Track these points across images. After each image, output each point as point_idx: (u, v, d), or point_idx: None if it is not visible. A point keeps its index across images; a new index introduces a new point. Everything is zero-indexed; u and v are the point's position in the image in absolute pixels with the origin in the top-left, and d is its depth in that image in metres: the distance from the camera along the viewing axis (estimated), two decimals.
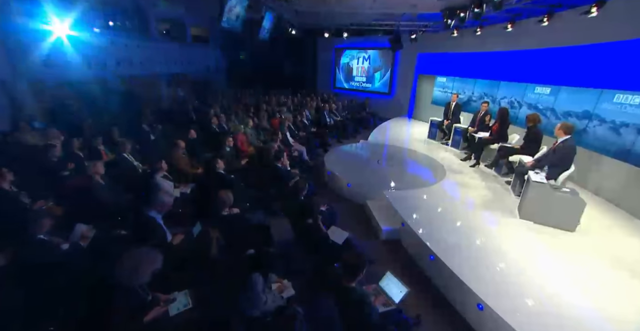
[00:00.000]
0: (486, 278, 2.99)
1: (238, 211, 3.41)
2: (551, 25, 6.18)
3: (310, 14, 9.97)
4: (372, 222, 4.67)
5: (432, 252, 3.40)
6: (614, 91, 4.79)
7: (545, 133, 5.81)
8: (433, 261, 3.40)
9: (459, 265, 3.15)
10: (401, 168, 6.14)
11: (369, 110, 11.06)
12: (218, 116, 7.05)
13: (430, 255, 3.43)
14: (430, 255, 3.43)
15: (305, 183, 3.35)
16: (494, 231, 3.91)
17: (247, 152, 6.17)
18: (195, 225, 3.35)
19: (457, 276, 2.98)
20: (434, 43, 10.07)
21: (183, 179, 4.79)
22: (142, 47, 8.68)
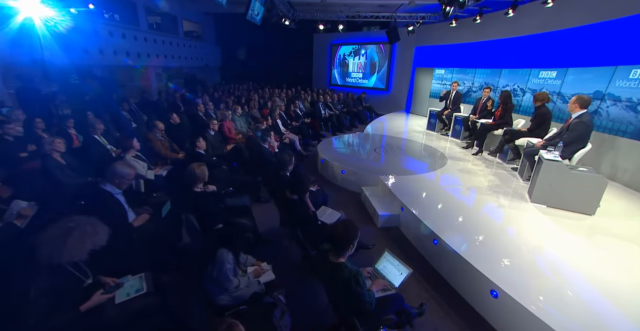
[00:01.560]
0: (499, 263, 2.57)
1: (214, 189, 2.98)
2: (557, 6, 5.88)
3: (303, 6, 9.73)
4: (368, 208, 4.25)
5: (437, 236, 2.98)
6: (630, 67, 4.45)
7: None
8: (437, 246, 2.98)
9: (468, 249, 2.73)
10: (399, 156, 5.76)
11: (365, 105, 10.71)
12: (206, 104, 6.66)
13: (434, 239, 3.01)
14: (434, 239, 3.01)
15: (290, 156, 2.94)
16: (503, 215, 3.51)
17: (235, 139, 5.76)
18: (165, 204, 2.92)
19: (467, 260, 2.55)
20: (432, 35, 9.81)
21: (161, 162, 4.38)
22: (128, 37, 8.32)
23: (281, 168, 2.91)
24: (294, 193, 2.57)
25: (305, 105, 9.33)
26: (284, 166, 2.89)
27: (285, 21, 8.99)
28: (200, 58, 12.82)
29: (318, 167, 5.73)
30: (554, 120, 5.03)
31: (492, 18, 7.51)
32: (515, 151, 4.93)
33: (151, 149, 4.23)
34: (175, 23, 11.09)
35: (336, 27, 10.60)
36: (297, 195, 2.57)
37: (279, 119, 6.43)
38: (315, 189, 3.34)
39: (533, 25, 6.54)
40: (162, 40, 9.91)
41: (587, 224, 3.30)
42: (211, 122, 4.75)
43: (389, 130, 8.23)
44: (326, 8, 9.82)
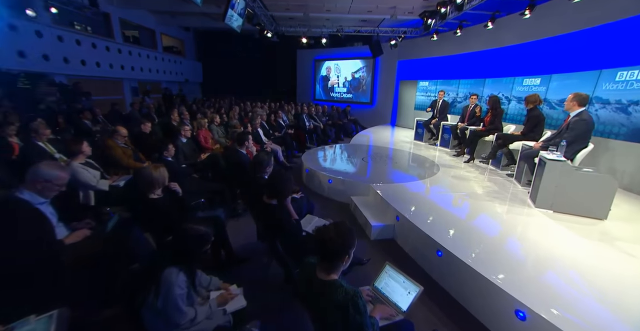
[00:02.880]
0: (519, 277, 2.16)
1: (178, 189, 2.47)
2: (534, 18, 6.02)
3: (286, 20, 9.75)
4: (359, 220, 3.81)
5: (441, 247, 2.56)
6: (615, 70, 4.42)
7: None
8: (442, 259, 2.55)
9: (480, 261, 2.31)
10: (389, 165, 5.43)
11: (351, 118, 10.56)
12: (182, 114, 6.20)
13: (438, 251, 2.59)
14: (438, 250, 2.59)
15: (269, 156, 2.51)
16: (509, 222, 3.15)
17: (212, 150, 5.27)
18: (113, 217, 2.37)
19: (482, 275, 2.13)
20: (414, 49, 9.97)
21: (123, 172, 3.81)
22: (100, 47, 7.89)
23: (258, 170, 2.46)
24: (272, 198, 2.12)
25: (289, 118, 9.05)
26: (261, 167, 2.45)
27: (267, 33, 8.88)
28: (180, 73, 12.51)
29: (303, 178, 5.30)
30: None
31: (472, 31, 7.67)
32: (509, 156, 4.71)
33: (110, 157, 3.68)
34: (154, 38, 10.83)
35: (320, 43, 10.65)
36: (277, 199, 2.12)
37: (260, 128, 6.03)
38: (300, 196, 2.89)
39: (512, 37, 6.67)
40: (138, 53, 9.54)
41: (603, 230, 2.98)
42: (183, 128, 4.28)
43: (376, 141, 7.99)
44: (309, 22, 9.87)
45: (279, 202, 2.13)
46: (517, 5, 6.38)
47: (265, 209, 2.14)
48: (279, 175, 2.11)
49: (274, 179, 2.08)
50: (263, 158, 2.46)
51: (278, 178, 2.09)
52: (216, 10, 7.36)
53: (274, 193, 2.10)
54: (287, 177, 2.10)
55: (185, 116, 6.10)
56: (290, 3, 8.22)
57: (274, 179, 2.10)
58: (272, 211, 2.09)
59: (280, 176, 2.10)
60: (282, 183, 2.06)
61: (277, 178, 2.09)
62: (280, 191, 2.07)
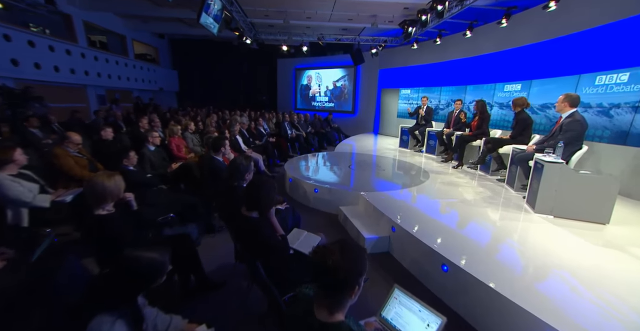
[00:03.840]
0: (541, 294, 1.88)
1: (131, 198, 2.02)
2: (510, 27, 6.15)
3: (265, 27, 9.55)
4: (349, 232, 3.46)
5: (447, 260, 2.26)
6: (594, 74, 4.49)
7: None
8: (449, 274, 2.24)
9: (493, 277, 2.03)
10: (377, 173, 5.17)
11: (333, 126, 10.37)
12: (152, 121, 5.68)
13: (443, 265, 2.29)
14: (443, 264, 2.29)
15: (248, 161, 2.13)
16: (513, 231, 2.92)
17: (185, 159, 4.79)
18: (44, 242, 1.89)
19: (501, 294, 1.84)
20: (395, 58, 10.05)
21: (75, 184, 3.26)
22: (59, 51, 7.21)
23: (235, 177, 2.08)
24: (252, 210, 1.74)
25: (270, 126, 8.70)
26: (239, 173, 2.07)
27: (247, 40, 8.61)
28: (154, 81, 11.88)
29: (287, 188, 4.92)
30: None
31: (451, 40, 7.79)
32: (499, 161, 4.59)
33: (59, 168, 3.13)
34: (125, 44, 10.24)
35: (300, 52, 10.53)
36: (258, 211, 1.74)
37: (239, 136, 5.62)
38: (284, 208, 2.52)
39: (491, 45, 6.80)
40: (105, 59, 8.91)
41: (610, 235, 2.82)
42: (150, 134, 3.80)
43: (360, 149, 7.78)
44: (290, 30, 9.73)
45: (260, 215, 1.75)
46: (494, 15, 6.53)
47: (244, 223, 1.75)
48: (260, 183, 1.74)
49: (254, 187, 1.70)
50: (241, 162, 2.08)
51: (259, 186, 1.72)
52: (191, 15, 7.01)
53: (255, 205, 1.73)
54: (270, 184, 1.74)
55: (155, 123, 5.58)
56: (270, 10, 8.03)
57: (254, 187, 1.73)
58: (253, 226, 1.70)
59: (261, 184, 1.73)
60: (264, 192, 1.70)
61: (258, 186, 1.72)
62: (262, 201, 1.70)
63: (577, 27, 5.03)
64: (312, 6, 7.71)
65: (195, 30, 10.58)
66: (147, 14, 8.98)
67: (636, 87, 4.03)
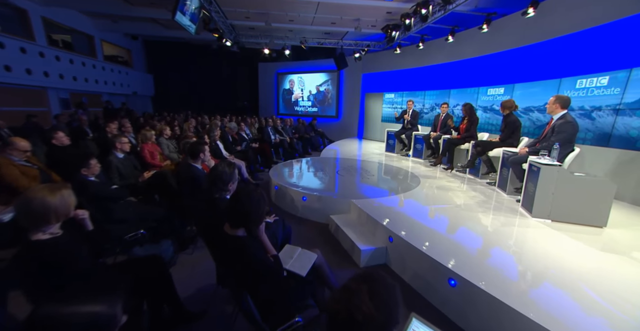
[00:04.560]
0: (562, 310, 1.72)
1: (84, 216, 1.67)
2: (491, 32, 6.26)
3: (246, 29, 9.27)
4: (342, 243, 3.22)
5: (453, 274, 2.06)
6: (574, 78, 4.57)
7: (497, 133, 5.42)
8: (457, 289, 2.04)
9: (508, 293, 1.85)
10: (366, 177, 4.98)
11: (317, 130, 10.17)
12: (123, 126, 5.19)
13: (450, 279, 2.09)
14: (450, 278, 2.09)
15: (231, 168, 1.84)
16: (516, 237, 2.79)
17: (160, 167, 4.38)
18: None
19: (521, 314, 1.65)
20: (378, 62, 10.05)
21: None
22: (11, 48, 6.50)
23: (216, 187, 1.78)
24: (237, 227, 1.45)
25: (253, 132, 8.35)
26: (221, 183, 1.77)
27: (226, 42, 8.27)
28: (126, 85, 11.20)
29: (272, 196, 4.62)
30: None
31: (434, 44, 7.86)
32: (488, 164, 4.54)
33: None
34: (92, 44, 9.57)
35: (282, 56, 10.31)
36: (245, 228, 1.46)
37: (219, 141, 5.26)
38: (273, 219, 2.23)
39: (472, 50, 6.89)
40: (69, 59, 8.22)
41: (611, 238, 2.75)
42: (118, 140, 3.39)
43: (346, 153, 7.61)
44: (271, 33, 9.50)
45: (248, 233, 1.47)
46: (475, 20, 6.63)
47: (228, 244, 1.46)
48: (247, 194, 1.46)
49: (240, 200, 1.42)
50: (223, 170, 1.78)
51: (245, 198, 1.43)
52: (166, 15, 6.60)
53: (241, 221, 1.44)
54: (258, 195, 1.46)
55: (126, 128, 5.11)
56: (251, 11, 7.78)
57: (239, 200, 1.44)
58: (239, 246, 1.42)
59: (248, 195, 1.45)
60: (252, 205, 1.42)
61: (244, 198, 1.43)
62: (250, 217, 1.42)
63: (555, 33, 5.15)
64: (295, 8, 7.54)
65: (171, 32, 10.11)
66: (118, 13, 8.42)
67: (615, 90, 4.12)
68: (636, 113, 3.87)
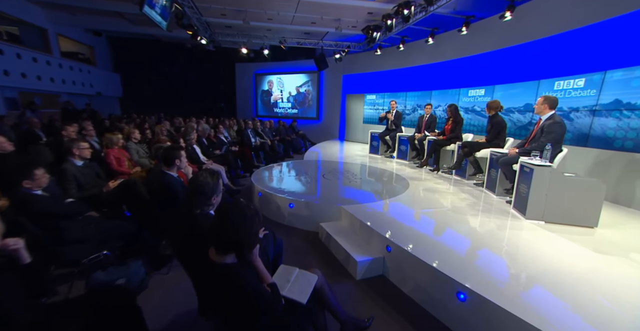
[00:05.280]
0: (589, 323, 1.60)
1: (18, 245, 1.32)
2: (470, 34, 6.35)
3: (222, 27, 8.85)
4: (334, 253, 3.00)
5: (462, 286, 1.90)
6: (553, 79, 4.68)
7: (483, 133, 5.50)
8: (467, 305, 1.89)
9: (519, 303, 1.71)
10: (354, 181, 4.80)
11: (298, 132, 9.91)
12: (84, 129, 4.64)
13: (459, 292, 1.93)
14: (459, 291, 1.93)
15: (214, 178, 1.54)
16: (520, 243, 2.70)
17: (128, 174, 3.93)
18: None
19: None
20: (359, 63, 10.00)
21: None
22: None
23: (197, 201, 1.48)
24: (224, 252, 1.18)
25: (231, 134, 7.95)
26: (203, 196, 1.47)
27: (201, 40, 7.82)
28: (89, 84, 10.32)
29: (255, 203, 4.31)
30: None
31: (414, 46, 7.90)
32: (475, 165, 4.53)
33: None
34: (46, 38, 8.68)
35: (260, 56, 9.97)
36: (236, 254, 1.19)
37: (196, 145, 4.87)
38: (262, 234, 1.96)
39: (452, 51, 6.98)
40: (15, 53, 7.34)
41: (604, 239, 2.74)
42: (76, 145, 2.94)
43: (329, 156, 7.41)
44: (249, 32, 9.14)
45: (239, 258, 1.20)
46: (454, 23, 6.71)
47: (213, 273, 1.19)
48: (238, 213, 1.18)
49: (230, 220, 1.15)
50: (205, 181, 1.48)
51: (237, 218, 1.16)
52: (133, 9, 6.06)
53: (231, 245, 1.17)
54: (252, 213, 1.19)
55: (88, 131, 4.57)
56: (227, 8, 7.40)
57: (228, 220, 1.16)
58: (228, 276, 1.15)
59: (239, 214, 1.17)
60: (245, 226, 1.15)
61: (236, 218, 1.16)
62: (242, 240, 1.15)
63: (532, 36, 5.29)
64: (274, 7, 7.27)
65: (139, 28, 9.43)
66: (75, 4, 7.66)
67: (592, 92, 4.24)
68: (612, 114, 4.00)
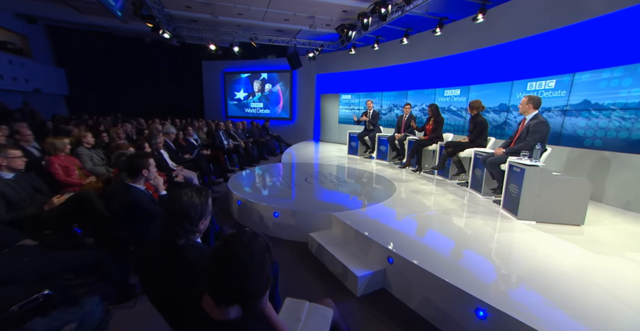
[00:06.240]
0: None
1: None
2: (444, 36, 6.44)
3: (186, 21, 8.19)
4: (330, 267, 2.73)
5: (483, 303, 1.74)
6: (525, 80, 4.84)
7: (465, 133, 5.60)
8: (487, 324, 1.73)
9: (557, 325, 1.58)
10: (339, 184, 4.57)
11: (272, 134, 9.51)
12: (17, 133, 3.90)
13: (478, 309, 1.77)
14: (478, 308, 1.77)
15: (202, 195, 1.16)
16: (525, 247, 2.64)
17: (80, 185, 3.34)
18: None
19: None
20: (333, 63, 9.83)
21: None
22: None
23: (179, 229, 1.11)
24: (228, 304, 0.86)
25: (201, 137, 7.36)
26: (188, 223, 1.11)
27: (163, 33, 7.14)
28: (23, 79, 8.94)
29: (234, 213, 3.92)
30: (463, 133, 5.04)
31: (389, 46, 7.89)
32: (459, 165, 4.53)
33: None
34: None
35: (229, 54, 9.40)
36: (242, 304, 0.88)
37: (163, 149, 4.34)
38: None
39: (427, 52, 7.05)
40: None
41: (595, 236, 2.78)
42: (3, 153, 2.36)
43: (307, 158, 7.13)
44: (217, 27, 8.56)
45: (245, 309, 0.89)
46: (428, 23, 6.77)
47: (210, 328, 0.86)
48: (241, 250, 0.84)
49: (230, 263, 0.82)
50: (191, 202, 1.09)
51: (240, 258, 0.83)
52: None
53: (232, 297, 0.85)
54: (261, 246, 0.87)
55: (23, 136, 3.83)
56: (192, 0, 6.82)
57: (229, 263, 0.83)
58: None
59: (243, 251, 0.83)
60: (252, 269, 0.82)
61: (238, 258, 0.83)
62: (249, 290, 0.84)
63: (504, 38, 5.46)
64: (245, 1, 6.83)
65: (88, 18, 8.41)
66: None
67: (562, 93, 4.43)
68: (581, 114, 4.19)
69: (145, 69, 11.79)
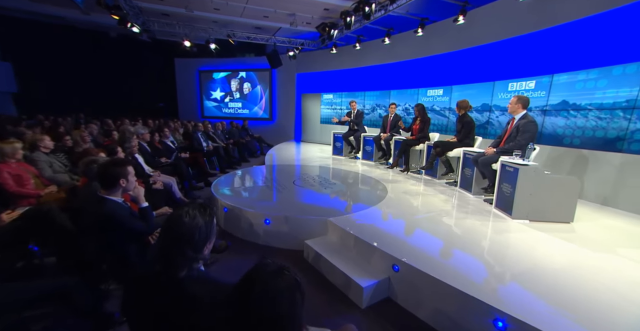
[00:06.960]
0: None
1: None
2: (425, 36, 6.50)
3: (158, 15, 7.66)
4: (327, 276, 2.57)
5: (502, 314, 1.66)
6: (506, 81, 4.96)
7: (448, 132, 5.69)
8: None
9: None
10: (329, 187, 4.41)
11: (253, 135, 9.18)
12: None
13: (497, 320, 1.69)
14: (497, 318, 1.69)
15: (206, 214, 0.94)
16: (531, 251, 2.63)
17: (37, 196, 2.92)
18: None
19: None
20: (314, 62, 9.66)
21: None
22: None
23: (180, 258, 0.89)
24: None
25: (177, 138, 6.89)
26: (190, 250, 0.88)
27: (132, 27, 6.60)
28: None
29: (220, 220, 3.63)
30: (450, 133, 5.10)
31: (370, 45, 7.85)
32: (447, 164, 4.54)
33: None
34: None
35: (205, 51, 8.93)
36: None
37: (138, 154, 3.95)
38: None
39: (408, 52, 7.09)
40: None
41: (586, 234, 2.84)
42: None
43: (291, 159, 6.92)
44: (191, 23, 8.08)
45: None
46: (409, 24, 6.81)
47: None
48: (264, 299, 0.66)
49: (252, 311, 0.63)
50: (193, 224, 0.87)
51: (262, 307, 0.64)
52: None
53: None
54: (287, 285, 0.69)
55: None
56: None
57: (250, 311, 0.64)
58: None
59: (266, 300, 0.66)
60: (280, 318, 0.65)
61: (260, 306, 0.65)
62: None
63: (485, 40, 5.58)
64: None
65: (43, 7, 7.56)
66: None
67: (542, 93, 4.58)
68: (560, 113, 4.35)
69: (110, 65, 10.94)
